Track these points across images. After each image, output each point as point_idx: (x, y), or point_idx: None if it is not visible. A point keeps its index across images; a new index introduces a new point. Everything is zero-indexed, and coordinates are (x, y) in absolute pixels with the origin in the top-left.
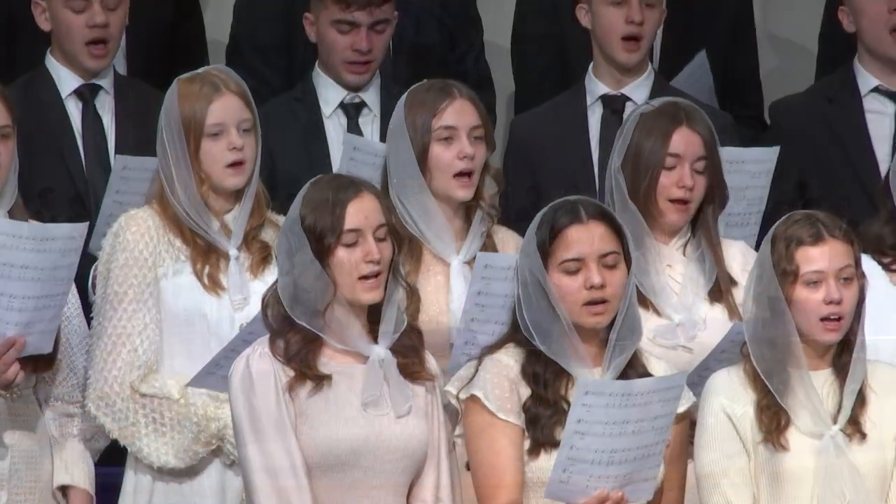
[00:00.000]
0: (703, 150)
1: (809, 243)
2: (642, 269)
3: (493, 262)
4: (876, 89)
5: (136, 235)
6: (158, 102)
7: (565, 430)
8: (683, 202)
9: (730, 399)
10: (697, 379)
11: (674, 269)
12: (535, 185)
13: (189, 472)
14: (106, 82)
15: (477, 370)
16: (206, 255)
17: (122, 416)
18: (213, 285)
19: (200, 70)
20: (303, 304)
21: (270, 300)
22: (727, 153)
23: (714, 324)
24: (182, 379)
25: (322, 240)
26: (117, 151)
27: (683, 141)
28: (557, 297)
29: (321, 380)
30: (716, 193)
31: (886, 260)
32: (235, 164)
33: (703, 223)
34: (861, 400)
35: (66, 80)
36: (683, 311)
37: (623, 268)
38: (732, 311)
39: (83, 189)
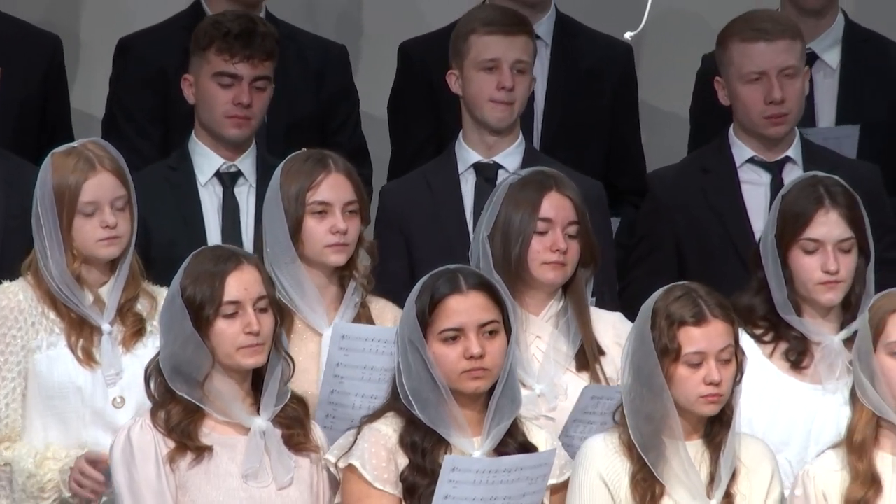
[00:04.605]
0: (574, 214)
1: (692, 323)
2: None
3: (351, 333)
4: (751, 160)
5: (4, 311)
6: (27, 174)
7: None
8: (559, 263)
9: (605, 465)
10: (564, 446)
11: (543, 339)
12: (408, 253)
13: None
14: None
15: (356, 439)
16: (79, 329)
17: None
18: (88, 359)
19: (76, 143)
20: (182, 374)
21: (153, 371)
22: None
23: (577, 391)
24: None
25: (201, 311)
26: None
27: (553, 206)
28: (436, 366)
29: (202, 451)
30: (588, 257)
31: (758, 332)
32: (108, 238)
33: (574, 287)
34: (732, 472)
35: None
36: (545, 380)
37: (503, 337)
38: (596, 380)
39: None
